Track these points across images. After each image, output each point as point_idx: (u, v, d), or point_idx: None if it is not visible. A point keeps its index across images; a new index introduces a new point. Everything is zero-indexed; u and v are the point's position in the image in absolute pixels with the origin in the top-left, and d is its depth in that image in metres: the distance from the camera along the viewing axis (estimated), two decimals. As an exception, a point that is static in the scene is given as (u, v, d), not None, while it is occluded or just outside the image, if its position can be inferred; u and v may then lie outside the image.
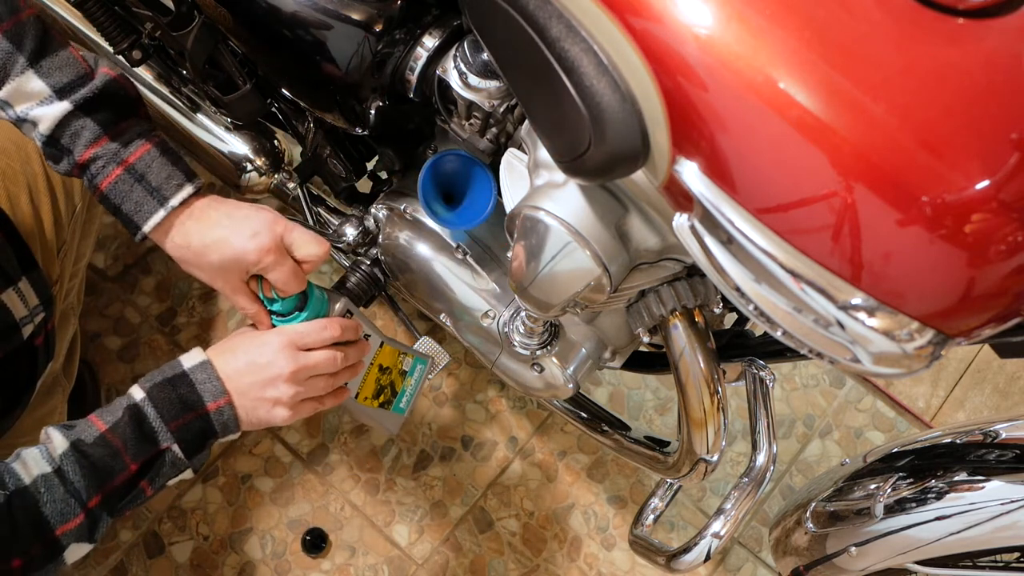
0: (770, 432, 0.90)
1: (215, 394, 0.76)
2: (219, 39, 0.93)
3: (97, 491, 0.71)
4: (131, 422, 0.73)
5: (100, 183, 0.74)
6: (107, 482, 0.72)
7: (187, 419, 0.75)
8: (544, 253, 0.72)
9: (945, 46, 0.48)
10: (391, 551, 1.38)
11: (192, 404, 0.75)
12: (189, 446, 0.75)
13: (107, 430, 0.72)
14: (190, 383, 0.75)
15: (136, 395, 0.75)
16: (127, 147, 0.74)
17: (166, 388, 0.75)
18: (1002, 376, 1.58)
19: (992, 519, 0.76)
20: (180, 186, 0.75)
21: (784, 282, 0.53)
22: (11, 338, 0.86)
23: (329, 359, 0.80)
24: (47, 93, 0.71)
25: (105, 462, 0.72)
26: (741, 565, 1.43)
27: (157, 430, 0.74)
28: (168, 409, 0.74)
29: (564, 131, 0.60)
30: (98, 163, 0.73)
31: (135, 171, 0.74)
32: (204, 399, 0.75)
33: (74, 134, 0.72)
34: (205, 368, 0.76)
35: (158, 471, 0.75)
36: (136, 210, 0.74)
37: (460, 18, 0.81)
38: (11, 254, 0.86)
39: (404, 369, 0.93)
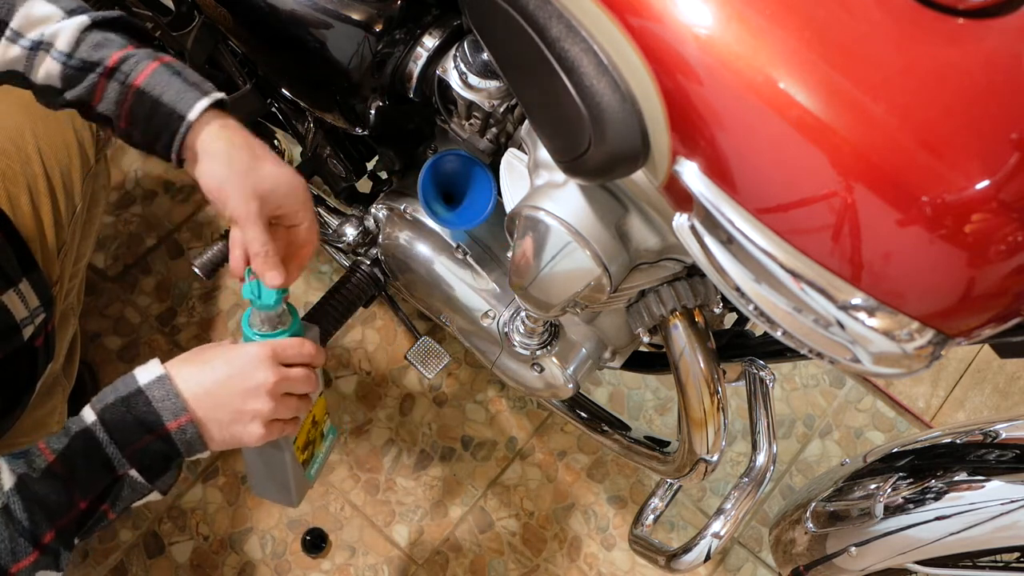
0: (770, 432, 0.90)
1: (175, 412, 0.69)
2: (219, 39, 0.93)
3: (48, 528, 0.67)
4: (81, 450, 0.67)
5: (135, 79, 0.68)
6: (57, 519, 0.67)
7: (145, 442, 0.69)
8: (544, 253, 0.72)
9: (945, 46, 0.48)
10: (391, 551, 1.38)
11: (150, 425, 0.69)
12: (149, 469, 0.70)
13: (55, 460, 0.67)
14: (146, 401, 0.69)
15: (87, 418, 0.69)
16: (157, 52, 0.70)
17: (119, 409, 0.69)
18: (1002, 376, 1.58)
19: (992, 519, 0.76)
20: (215, 88, 0.71)
21: (784, 282, 0.53)
22: (11, 339, 0.86)
23: (306, 377, 0.75)
24: (59, 15, 0.69)
25: (52, 499, 0.67)
26: (741, 565, 1.43)
27: (111, 456, 0.68)
28: (122, 432, 0.68)
29: (564, 131, 0.60)
30: (130, 61, 0.69)
31: (172, 67, 0.70)
32: (163, 418, 0.69)
33: (98, 44, 0.69)
34: (163, 383, 0.69)
35: (117, 495, 0.70)
36: (178, 98, 0.68)
37: (460, 18, 0.81)
38: (11, 255, 0.86)
39: (323, 432, 0.90)
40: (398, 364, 1.50)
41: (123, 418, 0.68)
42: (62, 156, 1.01)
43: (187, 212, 1.57)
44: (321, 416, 0.88)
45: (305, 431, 0.85)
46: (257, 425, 0.72)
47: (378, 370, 1.49)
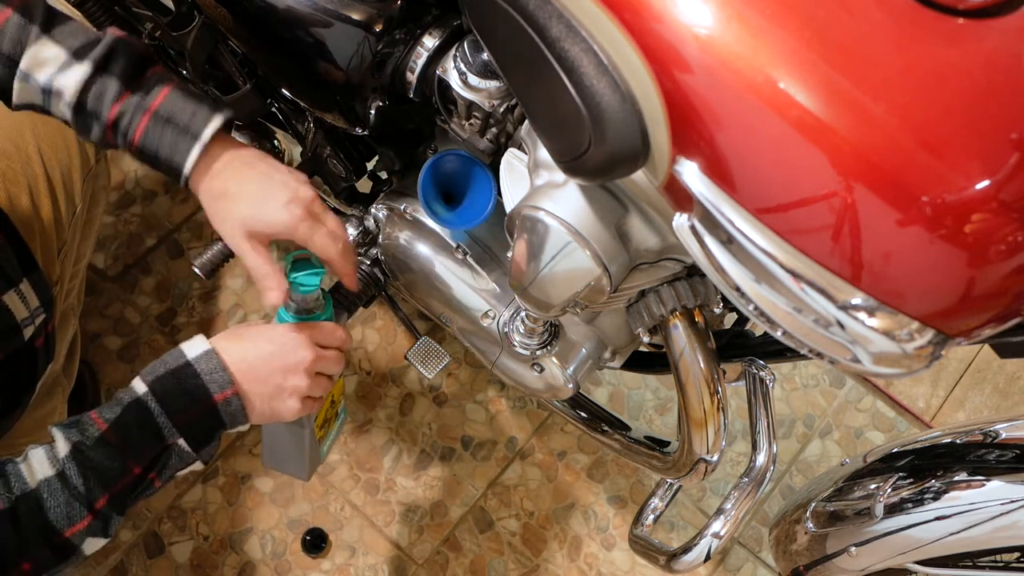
0: (770, 432, 0.90)
1: (222, 385, 0.74)
2: (219, 39, 0.93)
3: (102, 493, 0.70)
4: (134, 419, 0.71)
5: (133, 137, 0.73)
6: (111, 484, 0.71)
7: (193, 413, 0.73)
8: (544, 253, 0.72)
9: (945, 46, 0.48)
10: (391, 551, 1.38)
11: (198, 397, 0.73)
12: (196, 439, 0.74)
13: (108, 429, 0.71)
14: (195, 374, 0.73)
15: (138, 389, 0.73)
16: (148, 95, 0.73)
17: (170, 381, 0.73)
18: (1002, 376, 1.58)
19: (992, 519, 0.76)
20: (208, 119, 0.74)
21: (784, 282, 0.53)
22: (12, 340, 0.86)
23: (338, 359, 0.81)
24: (64, 57, 0.72)
25: (107, 465, 0.70)
26: (741, 565, 1.43)
27: (162, 426, 0.72)
28: (173, 403, 0.72)
29: (564, 131, 0.60)
30: (125, 118, 0.73)
31: (161, 115, 0.73)
32: (211, 390, 0.73)
33: (98, 95, 0.72)
34: (211, 357, 0.74)
35: (165, 464, 0.74)
36: (172, 152, 0.73)
37: (460, 18, 0.81)
38: (12, 255, 0.86)
39: (338, 412, 0.94)
40: (398, 364, 1.50)
41: (173, 389, 0.73)
42: (62, 156, 1.01)
43: (187, 212, 1.57)
44: (339, 396, 0.92)
45: (324, 410, 0.89)
46: (295, 400, 0.77)
47: (378, 370, 1.49)
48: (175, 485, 1.39)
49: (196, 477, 1.39)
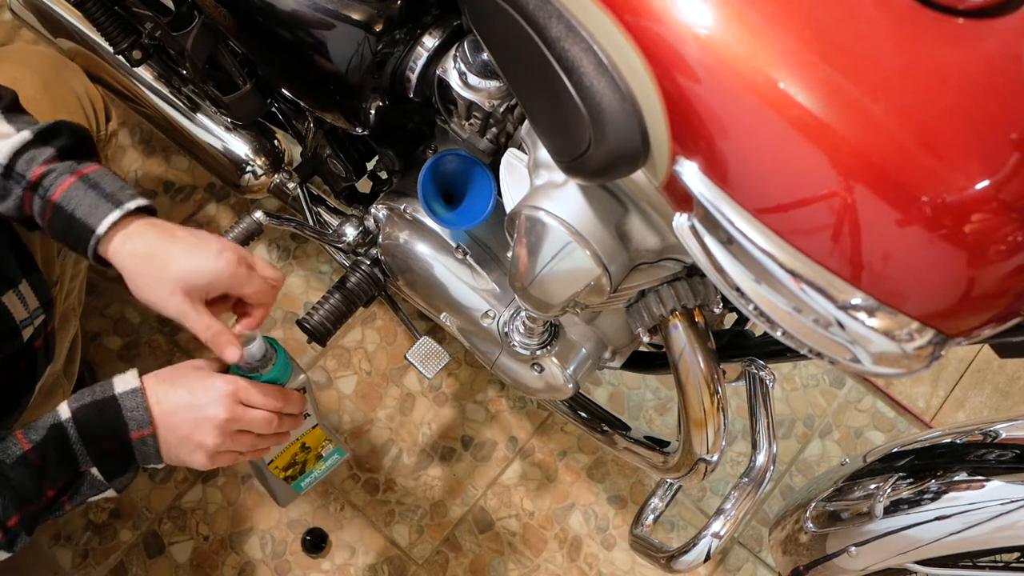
0: (770, 432, 0.90)
1: (140, 423, 0.74)
2: (219, 39, 0.93)
3: (15, 512, 0.71)
4: (53, 442, 0.72)
5: (53, 193, 0.73)
6: (25, 506, 0.72)
7: (108, 445, 0.74)
8: (544, 253, 0.72)
9: (945, 46, 0.48)
10: (391, 551, 1.38)
11: (115, 431, 0.74)
12: (109, 470, 0.75)
13: (30, 450, 0.72)
14: (117, 408, 0.74)
15: (62, 414, 0.74)
16: (81, 163, 0.75)
17: (92, 411, 0.74)
18: (1002, 376, 1.58)
19: (992, 519, 0.76)
20: (134, 196, 0.74)
21: (784, 282, 0.53)
22: (11, 341, 0.86)
23: (264, 421, 0.79)
24: (12, 132, 0.74)
25: (24, 487, 0.71)
26: (741, 565, 1.43)
27: (77, 452, 0.73)
28: (90, 433, 0.73)
29: (564, 131, 0.60)
30: (51, 176, 0.73)
31: (89, 180, 0.74)
32: (129, 427, 0.74)
33: (30, 159, 0.73)
34: (136, 395, 0.75)
35: (77, 489, 0.75)
36: (90, 212, 0.72)
37: (460, 18, 0.81)
38: (11, 256, 0.86)
39: (321, 454, 0.95)
40: (398, 364, 1.50)
41: (94, 420, 0.73)
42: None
43: (187, 212, 1.57)
44: (316, 443, 0.93)
45: (290, 454, 0.91)
46: (201, 455, 0.77)
47: (378, 370, 1.49)
48: (175, 485, 1.39)
49: (196, 476, 1.39)
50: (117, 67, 1.20)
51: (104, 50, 1.19)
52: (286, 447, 0.90)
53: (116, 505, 1.37)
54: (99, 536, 1.35)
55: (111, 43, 1.03)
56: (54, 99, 1.02)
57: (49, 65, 1.05)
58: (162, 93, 1.19)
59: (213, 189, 1.58)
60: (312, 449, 0.93)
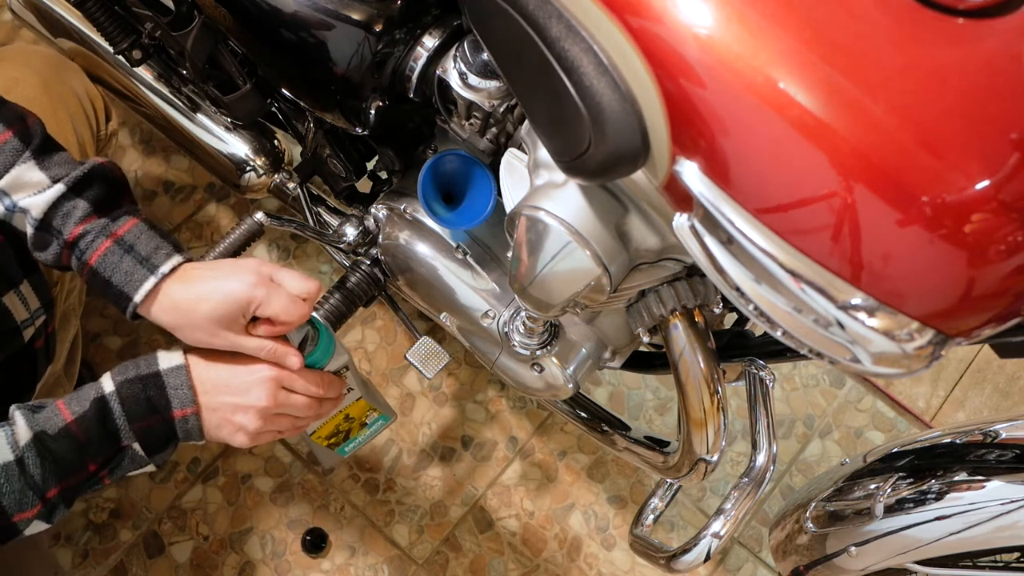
0: (770, 432, 0.90)
1: (184, 402, 0.75)
2: (219, 39, 0.93)
3: (56, 484, 0.71)
4: (96, 416, 0.72)
5: (89, 258, 0.74)
6: (66, 478, 0.72)
7: (151, 422, 0.74)
8: (544, 253, 0.72)
9: (945, 46, 0.48)
10: (391, 551, 1.38)
11: (159, 407, 0.74)
12: (150, 446, 0.75)
13: (72, 422, 0.72)
14: (161, 385, 0.74)
15: (106, 387, 0.74)
16: (115, 221, 0.75)
17: (136, 386, 0.74)
18: (1002, 376, 1.58)
19: (992, 519, 0.76)
20: (169, 255, 0.75)
21: (784, 282, 0.53)
22: (12, 341, 0.86)
23: (305, 407, 0.80)
24: (46, 183, 0.74)
25: (67, 459, 0.71)
26: (741, 565, 1.43)
27: (120, 428, 0.73)
28: (134, 409, 0.73)
29: (564, 131, 0.60)
30: (87, 238, 0.74)
31: (124, 242, 0.75)
32: (172, 405, 0.75)
33: (65, 214, 0.74)
34: (180, 373, 0.75)
35: (118, 464, 0.75)
36: (126, 280, 0.74)
37: (460, 18, 0.81)
38: (12, 256, 0.86)
39: (366, 422, 0.96)
40: (398, 364, 1.50)
41: (137, 395, 0.74)
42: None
43: (187, 212, 1.57)
44: (359, 413, 0.94)
45: (333, 424, 0.92)
46: (242, 435, 0.78)
47: (378, 370, 1.49)
48: (175, 485, 1.39)
49: (196, 477, 1.39)
50: (117, 67, 1.20)
51: (104, 50, 1.19)
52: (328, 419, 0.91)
53: (116, 505, 1.37)
54: (99, 536, 1.35)
55: (111, 43, 1.03)
56: (54, 99, 1.02)
57: (50, 65, 1.06)
58: (162, 93, 1.19)
59: (213, 189, 1.58)
60: (356, 419, 0.94)
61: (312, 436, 0.92)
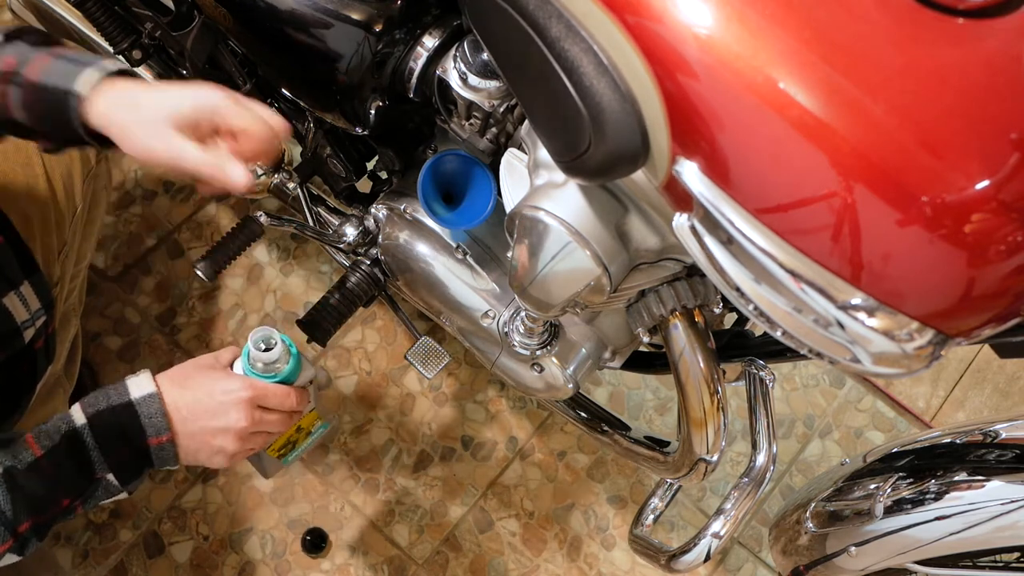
0: (770, 432, 0.90)
1: (159, 430, 0.74)
2: (219, 39, 0.93)
3: (28, 519, 0.70)
4: (68, 450, 0.71)
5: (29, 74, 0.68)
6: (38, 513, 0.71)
7: (126, 452, 0.73)
8: (544, 253, 0.72)
9: (945, 46, 0.48)
10: (391, 551, 1.38)
11: (133, 438, 0.73)
12: (125, 475, 0.74)
13: (42, 456, 0.71)
14: (134, 415, 0.73)
15: (76, 420, 0.73)
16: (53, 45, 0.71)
17: (108, 417, 0.73)
18: (1002, 376, 1.58)
19: (992, 519, 0.76)
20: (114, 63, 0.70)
21: (784, 282, 0.53)
22: (12, 342, 0.86)
23: (279, 423, 0.80)
24: None
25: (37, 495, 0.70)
26: (741, 565, 1.43)
27: (94, 460, 0.72)
28: (108, 441, 0.72)
29: (564, 131, 0.60)
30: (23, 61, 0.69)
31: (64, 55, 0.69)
32: (147, 434, 0.74)
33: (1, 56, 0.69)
34: (152, 401, 0.74)
35: (91, 495, 0.74)
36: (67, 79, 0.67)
37: (460, 18, 0.81)
38: (12, 257, 0.86)
39: (311, 431, 0.96)
40: (398, 364, 1.50)
41: (111, 427, 0.72)
42: (63, 157, 1.01)
43: (187, 212, 1.57)
44: (308, 423, 0.94)
45: (286, 437, 0.92)
46: (221, 457, 0.78)
47: (378, 370, 1.49)
48: (175, 485, 1.39)
49: (196, 477, 1.39)
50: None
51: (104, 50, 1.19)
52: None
53: (116, 505, 1.37)
54: (99, 536, 1.35)
55: (111, 43, 1.03)
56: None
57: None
58: (162, 93, 1.19)
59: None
60: (304, 429, 0.94)
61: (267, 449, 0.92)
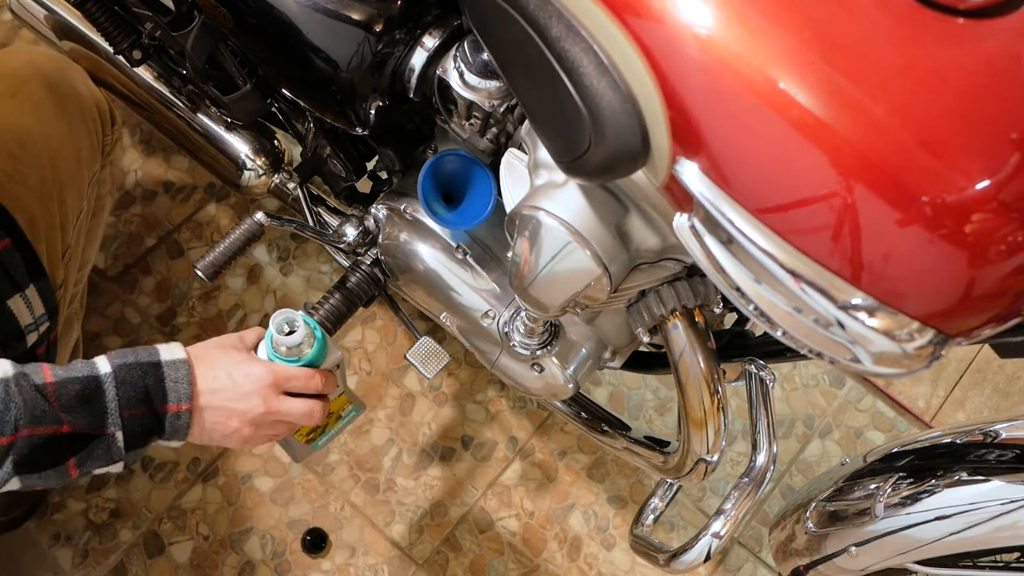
0: (770, 432, 0.90)
1: (181, 397, 0.72)
2: (219, 39, 0.93)
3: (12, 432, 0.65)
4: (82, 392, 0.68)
5: None
6: (34, 425, 0.65)
7: (143, 411, 0.70)
8: (544, 253, 0.72)
9: (945, 46, 0.48)
10: (391, 551, 1.38)
11: (154, 398, 0.71)
12: (132, 439, 0.71)
13: (53, 383, 0.67)
14: (161, 376, 0.71)
15: (101, 368, 0.70)
16: None
17: (135, 371, 0.70)
18: (1002, 376, 1.58)
19: (992, 519, 0.76)
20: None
21: (784, 282, 0.53)
22: (15, 346, 0.85)
23: (304, 412, 0.78)
24: None
25: (38, 410, 0.65)
26: (741, 565, 1.43)
27: (109, 412, 0.69)
28: (129, 394, 0.69)
29: (564, 131, 0.60)
30: None
31: None
32: (168, 398, 0.71)
33: None
34: (182, 366, 0.72)
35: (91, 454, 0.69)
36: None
37: (460, 18, 0.81)
38: (20, 261, 0.85)
39: (341, 415, 0.95)
40: (398, 364, 1.50)
41: (135, 382, 0.70)
42: (69, 159, 1.01)
43: (187, 212, 1.57)
44: (338, 407, 0.93)
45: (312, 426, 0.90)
46: (235, 439, 0.76)
47: (378, 370, 1.49)
48: (175, 485, 1.39)
49: (196, 476, 1.39)
50: (117, 67, 1.20)
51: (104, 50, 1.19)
52: None
53: (116, 505, 1.37)
54: (99, 536, 1.35)
55: (111, 43, 1.03)
56: (59, 100, 1.02)
57: (56, 67, 1.05)
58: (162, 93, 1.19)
59: (213, 189, 1.58)
60: (334, 413, 0.93)
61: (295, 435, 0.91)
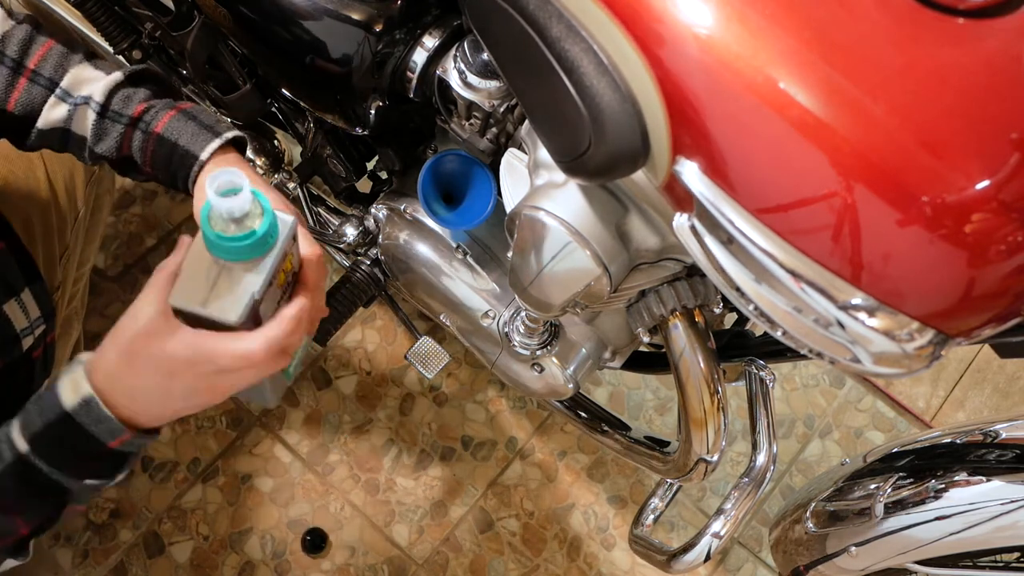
0: (770, 432, 0.90)
1: (113, 432, 0.62)
2: (219, 39, 0.93)
3: None
4: (20, 479, 0.62)
5: (155, 127, 0.77)
6: None
7: (90, 465, 0.64)
8: (544, 253, 0.72)
9: (945, 46, 0.48)
10: (391, 551, 1.38)
11: (89, 449, 0.62)
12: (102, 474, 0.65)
13: None
14: (78, 428, 0.61)
15: (19, 445, 0.62)
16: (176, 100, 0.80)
17: (51, 437, 0.62)
18: (1002, 376, 1.58)
19: (992, 519, 0.76)
20: (229, 127, 0.79)
21: (784, 282, 0.53)
22: (10, 350, 0.84)
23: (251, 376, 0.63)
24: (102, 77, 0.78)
25: None
26: (741, 565, 1.43)
27: (58, 480, 0.63)
28: (61, 460, 0.63)
29: (564, 131, 0.60)
30: (152, 111, 0.78)
31: (187, 113, 0.78)
32: (102, 440, 0.62)
33: (127, 98, 0.78)
34: (91, 407, 0.61)
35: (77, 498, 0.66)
36: (193, 140, 0.77)
37: (460, 18, 0.81)
38: (14, 264, 0.85)
39: None
40: (398, 364, 1.50)
41: (58, 448, 0.62)
42: (65, 160, 1.00)
43: (187, 212, 1.57)
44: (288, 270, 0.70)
45: None
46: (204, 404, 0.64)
47: (378, 370, 1.49)
48: (175, 485, 1.39)
49: (196, 476, 1.39)
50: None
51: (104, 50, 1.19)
52: None
53: (116, 505, 1.37)
54: (99, 536, 1.35)
55: (111, 43, 1.03)
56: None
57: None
58: (162, 93, 1.19)
59: (213, 189, 1.58)
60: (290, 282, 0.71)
61: None
